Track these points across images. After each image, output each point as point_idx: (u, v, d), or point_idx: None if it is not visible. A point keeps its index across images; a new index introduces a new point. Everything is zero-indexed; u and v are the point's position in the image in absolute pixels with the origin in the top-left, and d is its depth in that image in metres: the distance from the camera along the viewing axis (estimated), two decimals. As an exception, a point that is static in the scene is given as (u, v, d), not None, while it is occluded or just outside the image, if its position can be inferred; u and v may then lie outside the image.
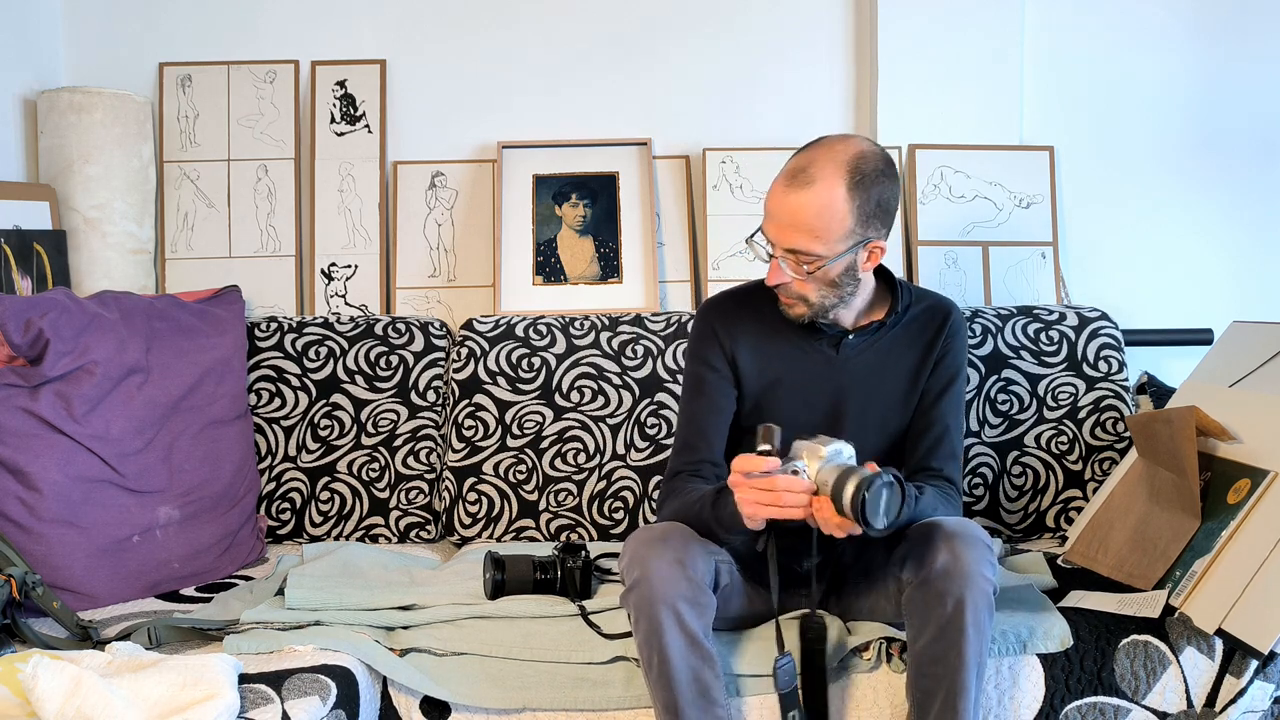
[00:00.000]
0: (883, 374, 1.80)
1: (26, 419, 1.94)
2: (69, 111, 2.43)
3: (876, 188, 1.68)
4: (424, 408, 2.38)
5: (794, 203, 1.67)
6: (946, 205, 2.61)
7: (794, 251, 1.69)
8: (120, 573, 1.96)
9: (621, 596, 1.60)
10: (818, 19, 2.68)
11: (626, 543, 1.63)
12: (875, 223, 1.70)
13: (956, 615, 1.53)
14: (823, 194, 1.66)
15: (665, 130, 2.67)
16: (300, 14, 2.66)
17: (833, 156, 1.68)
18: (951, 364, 1.82)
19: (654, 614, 1.53)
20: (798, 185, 1.67)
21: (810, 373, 1.80)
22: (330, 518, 2.32)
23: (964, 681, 1.53)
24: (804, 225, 1.67)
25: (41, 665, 1.36)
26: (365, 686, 1.63)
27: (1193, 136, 2.69)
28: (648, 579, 1.54)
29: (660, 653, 1.53)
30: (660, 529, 1.63)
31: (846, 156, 1.68)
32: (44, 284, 2.33)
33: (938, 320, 1.83)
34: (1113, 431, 2.30)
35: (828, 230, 1.67)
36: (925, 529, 1.61)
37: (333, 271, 2.59)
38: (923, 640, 1.56)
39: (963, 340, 1.85)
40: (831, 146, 1.69)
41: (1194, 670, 1.69)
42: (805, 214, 1.66)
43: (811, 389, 1.79)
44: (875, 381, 1.80)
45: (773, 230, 1.70)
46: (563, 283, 2.57)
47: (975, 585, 1.53)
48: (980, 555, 1.55)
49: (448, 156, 2.67)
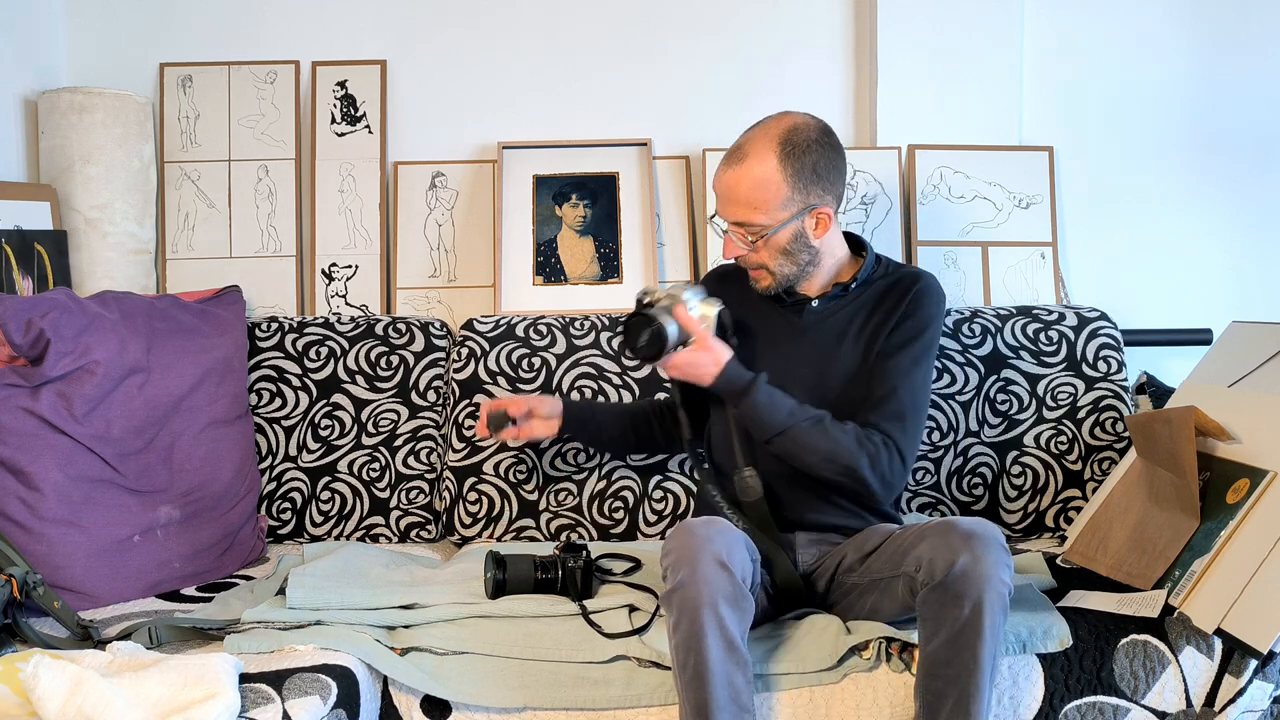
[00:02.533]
0: (843, 338, 1.88)
1: (27, 419, 1.94)
2: (70, 112, 2.44)
3: (810, 156, 1.81)
4: (424, 408, 2.38)
5: (731, 178, 1.83)
6: (946, 205, 2.61)
7: (740, 224, 1.84)
8: (121, 572, 1.97)
9: (663, 596, 1.59)
10: (818, 19, 2.69)
11: (670, 538, 1.62)
12: (816, 190, 1.83)
13: (974, 618, 1.52)
14: (754, 167, 1.81)
15: (665, 130, 2.67)
16: (301, 14, 2.66)
17: (765, 132, 1.83)
18: (912, 327, 1.86)
19: (697, 617, 1.52)
20: (733, 162, 1.83)
21: (778, 339, 1.92)
22: (331, 517, 2.32)
23: (978, 685, 1.53)
24: (742, 198, 1.82)
25: (42, 665, 1.36)
26: (366, 686, 1.63)
27: (1192, 136, 2.69)
28: (694, 581, 1.53)
29: (698, 655, 1.52)
30: (703, 528, 1.60)
31: (778, 130, 1.83)
32: (45, 284, 2.33)
33: (904, 285, 1.89)
34: (1112, 431, 2.30)
35: (764, 201, 1.81)
36: (942, 529, 1.59)
37: (333, 272, 2.60)
38: (936, 642, 1.55)
39: (931, 307, 1.87)
40: (765, 124, 1.85)
41: (1193, 670, 1.70)
42: (741, 187, 1.82)
43: (780, 353, 1.91)
44: (836, 346, 1.88)
45: (719, 208, 1.87)
46: (563, 283, 2.57)
47: (993, 589, 1.52)
48: (999, 558, 1.54)
49: (448, 157, 2.67)
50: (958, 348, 2.37)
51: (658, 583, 1.94)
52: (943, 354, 2.36)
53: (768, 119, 1.86)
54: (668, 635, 1.58)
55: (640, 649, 1.71)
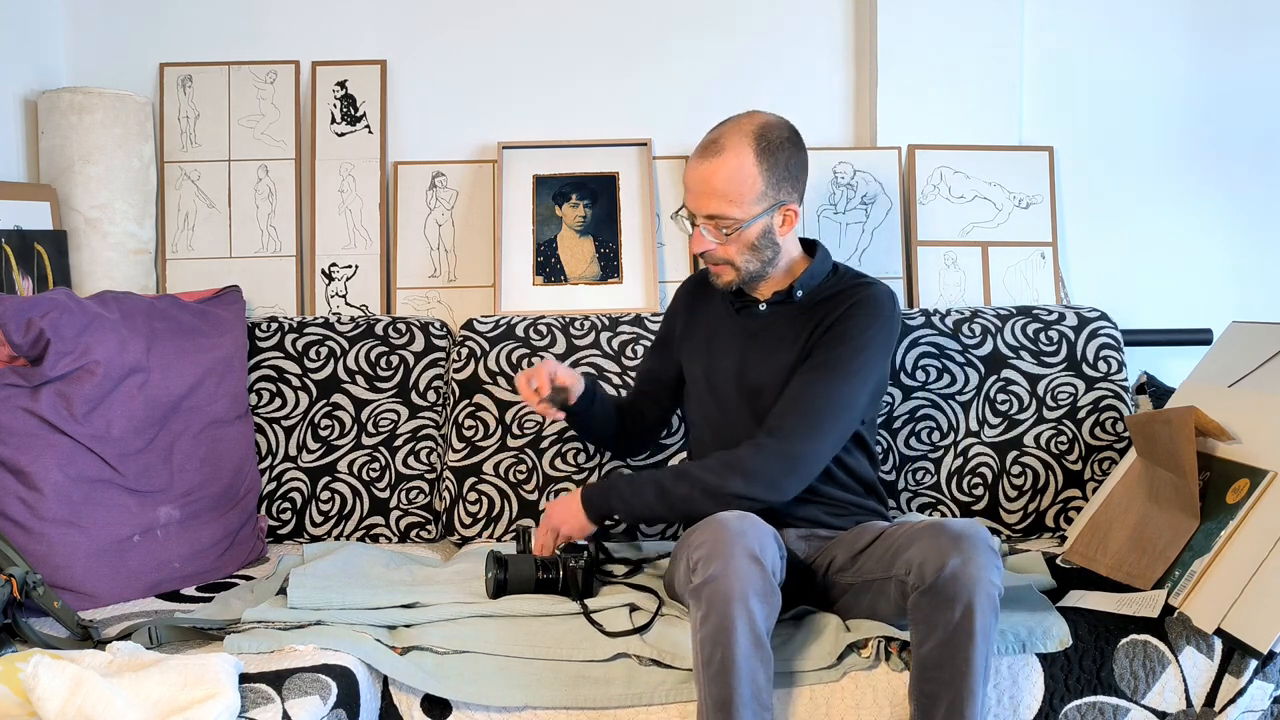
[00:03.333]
0: (781, 342, 1.90)
1: (27, 419, 1.94)
2: (70, 112, 2.44)
3: (783, 153, 1.84)
4: (424, 408, 2.38)
5: (706, 170, 1.83)
6: (946, 205, 2.61)
7: (712, 217, 1.85)
8: (121, 572, 1.97)
9: (691, 589, 1.57)
10: (817, 19, 2.69)
11: (701, 530, 1.61)
12: (786, 186, 1.86)
13: (965, 621, 1.52)
14: (731, 160, 1.82)
15: (665, 130, 2.67)
16: (301, 14, 2.67)
17: (739, 128, 1.85)
18: (838, 334, 1.84)
19: (728, 610, 1.51)
20: (709, 155, 1.84)
21: (725, 342, 1.96)
22: (331, 517, 2.32)
23: (971, 687, 1.53)
24: (718, 191, 1.83)
25: (42, 665, 1.36)
26: (366, 686, 1.63)
27: (1193, 136, 2.69)
28: (726, 575, 1.53)
29: (726, 649, 1.51)
30: (737, 522, 1.60)
31: (752, 126, 1.84)
32: (45, 284, 2.33)
33: (848, 295, 1.89)
34: (1112, 431, 2.30)
35: (740, 194, 1.83)
36: (932, 531, 1.58)
37: (333, 272, 2.60)
38: (928, 645, 1.54)
39: (864, 319, 1.85)
40: (738, 120, 1.87)
41: (1193, 670, 1.70)
42: (717, 180, 1.82)
43: (724, 357, 1.95)
44: (778, 350, 1.90)
45: (691, 201, 1.87)
46: (563, 283, 2.57)
47: (984, 590, 1.52)
48: (989, 560, 1.54)
49: (448, 157, 2.67)
50: (958, 348, 2.37)
51: (658, 583, 1.94)
52: (943, 354, 2.36)
53: (738, 116, 1.88)
54: (692, 629, 1.57)
55: (641, 647, 1.70)
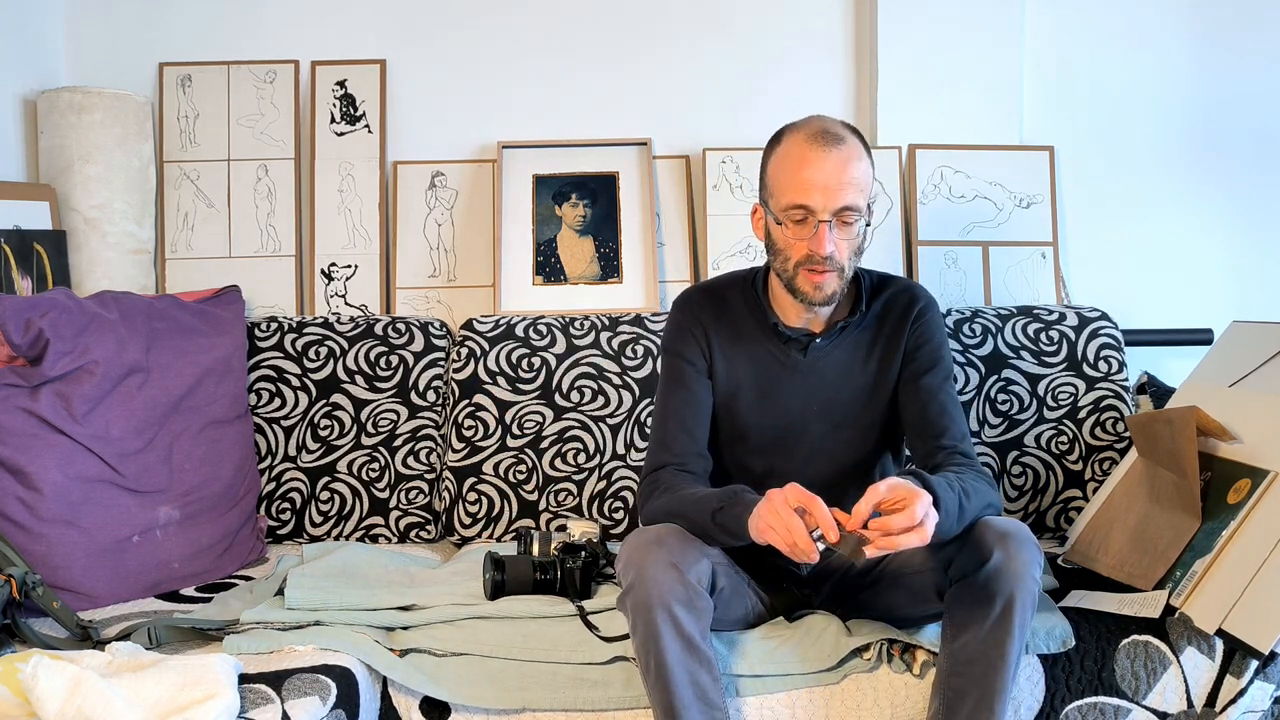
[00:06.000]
0: (850, 371, 1.80)
1: (27, 419, 1.94)
2: (69, 111, 2.43)
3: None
4: (424, 408, 2.38)
5: (839, 158, 1.65)
6: (946, 205, 2.61)
7: (850, 209, 1.66)
8: (120, 573, 1.96)
9: (619, 599, 1.60)
10: (818, 19, 2.68)
11: (623, 546, 1.63)
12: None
13: (1005, 615, 1.52)
14: (855, 148, 1.68)
15: (665, 130, 2.67)
16: (300, 14, 2.66)
17: (831, 120, 1.71)
18: (932, 350, 1.79)
19: (650, 618, 1.53)
20: (834, 144, 1.66)
21: (777, 378, 1.79)
22: (330, 518, 2.32)
23: (1003, 682, 1.53)
24: (854, 180, 1.65)
25: (41, 665, 1.36)
26: (365, 686, 1.63)
27: (1193, 136, 2.69)
28: (643, 583, 1.54)
29: (657, 656, 1.53)
30: (655, 532, 1.62)
31: (839, 120, 1.72)
32: (44, 284, 2.33)
33: (900, 308, 1.81)
34: (1113, 431, 2.30)
35: (867, 183, 1.68)
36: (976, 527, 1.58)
37: (333, 271, 2.59)
38: (964, 637, 1.54)
39: (934, 322, 1.82)
40: (820, 117, 1.72)
41: (1194, 670, 1.69)
42: (853, 167, 1.65)
43: (778, 394, 1.80)
44: (843, 380, 1.80)
45: (820, 196, 1.65)
46: (563, 283, 2.57)
47: (1025, 586, 1.52)
48: (1032, 557, 1.54)
49: (448, 156, 2.67)
50: (958, 348, 2.36)
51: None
52: (943, 354, 2.36)
53: (810, 117, 1.72)
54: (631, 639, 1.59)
55: (640, 649, 1.71)
